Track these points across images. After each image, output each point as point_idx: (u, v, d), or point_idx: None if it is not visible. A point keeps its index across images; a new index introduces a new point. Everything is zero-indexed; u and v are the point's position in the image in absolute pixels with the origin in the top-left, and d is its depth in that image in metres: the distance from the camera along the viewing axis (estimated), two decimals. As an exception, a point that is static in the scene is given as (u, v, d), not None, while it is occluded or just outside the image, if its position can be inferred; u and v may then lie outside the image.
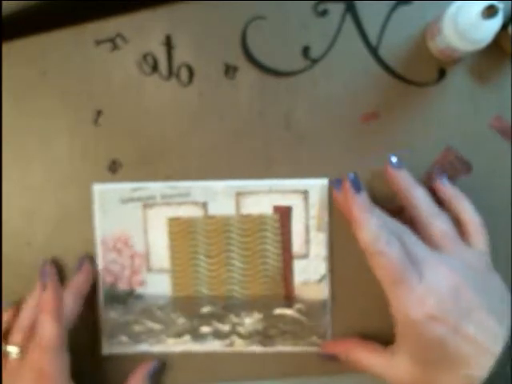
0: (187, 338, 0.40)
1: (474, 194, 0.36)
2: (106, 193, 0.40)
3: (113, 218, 0.40)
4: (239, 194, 0.39)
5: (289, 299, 0.39)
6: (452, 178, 0.38)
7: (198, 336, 0.40)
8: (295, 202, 0.39)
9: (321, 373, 0.40)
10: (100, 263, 0.40)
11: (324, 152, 0.39)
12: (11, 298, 0.40)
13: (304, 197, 0.39)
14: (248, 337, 0.40)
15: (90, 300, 0.40)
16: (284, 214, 0.39)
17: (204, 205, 0.39)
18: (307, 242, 0.39)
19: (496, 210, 0.38)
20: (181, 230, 0.40)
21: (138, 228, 0.40)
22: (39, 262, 0.39)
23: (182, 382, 0.41)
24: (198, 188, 0.39)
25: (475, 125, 0.38)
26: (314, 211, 0.39)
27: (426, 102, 0.38)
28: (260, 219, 0.39)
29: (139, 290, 0.40)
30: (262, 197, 0.39)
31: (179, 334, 0.40)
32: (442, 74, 0.38)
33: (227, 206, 0.39)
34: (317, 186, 0.39)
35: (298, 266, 0.39)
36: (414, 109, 0.38)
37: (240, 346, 0.40)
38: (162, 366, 0.40)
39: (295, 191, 0.39)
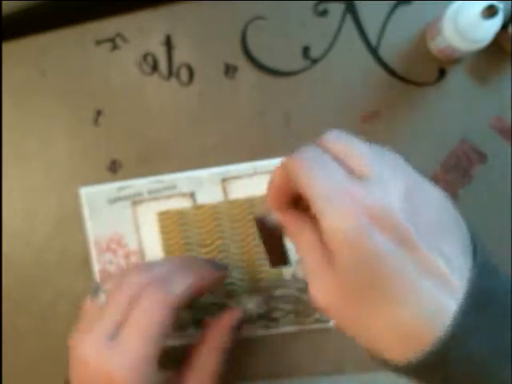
0: (191, 331, 0.40)
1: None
2: (93, 195, 0.40)
3: (103, 220, 0.40)
4: (225, 180, 0.39)
5: (287, 279, 0.39)
6: (465, 171, 0.38)
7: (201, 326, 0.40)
8: None
9: (330, 350, 0.40)
10: (96, 265, 0.40)
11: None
12: (11, 298, 0.40)
13: None
14: (252, 322, 0.40)
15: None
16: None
17: (192, 195, 0.39)
18: None
19: (496, 213, 0.38)
20: (172, 223, 0.40)
21: (130, 226, 0.40)
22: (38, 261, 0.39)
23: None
24: (184, 179, 0.40)
25: (475, 125, 0.38)
26: None
27: (426, 102, 0.38)
28: (248, 202, 0.39)
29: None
30: (247, 180, 0.39)
31: (183, 327, 0.40)
32: (442, 73, 0.38)
33: (214, 193, 0.39)
34: None
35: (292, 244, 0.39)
36: (414, 109, 0.38)
37: (245, 331, 0.40)
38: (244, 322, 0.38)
39: None
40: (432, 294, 0.22)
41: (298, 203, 0.27)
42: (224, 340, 0.34)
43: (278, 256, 0.33)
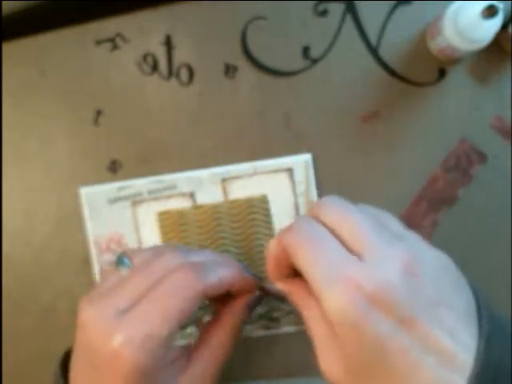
0: (192, 329, 0.40)
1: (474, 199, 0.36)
2: (93, 195, 0.40)
3: (103, 220, 0.40)
4: (225, 181, 0.39)
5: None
6: (466, 172, 0.38)
7: (202, 326, 0.40)
8: (281, 181, 0.39)
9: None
10: (96, 265, 0.40)
11: (324, 152, 0.39)
12: (11, 298, 0.40)
13: (289, 175, 0.39)
14: (253, 322, 0.40)
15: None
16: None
17: (191, 195, 0.39)
18: None
19: (497, 213, 0.38)
20: (171, 223, 0.40)
21: (129, 226, 0.40)
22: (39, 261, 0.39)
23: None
24: (184, 179, 0.40)
25: (475, 125, 0.38)
26: (300, 188, 0.39)
27: (425, 102, 0.38)
28: (248, 203, 0.39)
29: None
30: (247, 180, 0.39)
31: (183, 327, 0.40)
32: (442, 73, 0.38)
33: (214, 193, 0.39)
34: (300, 162, 0.39)
35: None
36: (414, 109, 0.38)
37: (245, 331, 0.40)
38: (261, 299, 0.35)
39: (279, 170, 0.39)
40: (437, 371, 0.22)
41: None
42: (240, 317, 0.31)
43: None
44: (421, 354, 0.22)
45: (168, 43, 0.39)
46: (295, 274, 0.28)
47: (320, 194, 0.39)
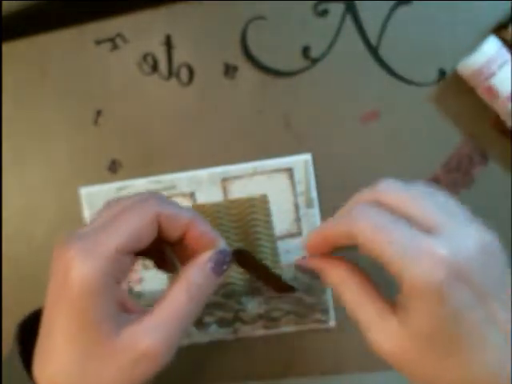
0: (192, 329, 0.40)
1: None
2: (93, 195, 0.40)
3: None
4: (225, 180, 0.39)
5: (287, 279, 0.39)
6: (467, 173, 0.38)
7: (202, 326, 0.40)
8: (281, 181, 0.39)
9: (327, 349, 0.40)
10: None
11: (324, 152, 0.39)
12: (11, 298, 0.40)
13: (289, 175, 0.39)
14: (252, 322, 0.40)
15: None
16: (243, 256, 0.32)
17: (191, 195, 0.40)
18: (298, 219, 0.39)
19: (497, 214, 0.38)
20: None
21: None
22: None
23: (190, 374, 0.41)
24: (183, 179, 0.40)
25: (476, 125, 0.38)
26: (300, 188, 0.39)
27: (426, 102, 0.38)
28: (248, 202, 0.39)
29: (137, 288, 0.40)
30: (247, 180, 0.39)
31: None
32: (442, 74, 0.38)
33: (214, 193, 0.39)
34: (300, 162, 0.39)
35: (291, 244, 0.39)
36: (414, 109, 0.38)
37: (245, 331, 0.40)
38: (228, 256, 0.29)
39: (279, 170, 0.39)
40: (501, 349, 0.23)
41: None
42: (198, 277, 0.28)
43: (279, 284, 0.32)
44: (490, 330, 0.23)
45: (168, 43, 0.39)
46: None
47: (320, 194, 0.39)
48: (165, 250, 0.31)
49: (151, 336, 0.25)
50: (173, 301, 0.26)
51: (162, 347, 0.25)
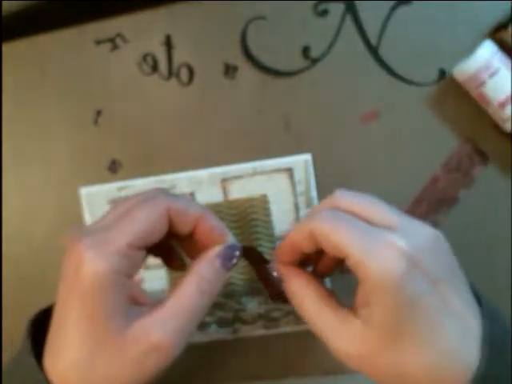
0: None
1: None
2: (93, 195, 0.40)
3: None
4: (225, 181, 0.39)
5: None
6: (468, 172, 0.38)
7: (202, 326, 0.40)
8: (281, 181, 0.39)
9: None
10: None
11: (324, 152, 0.39)
12: (11, 298, 0.40)
13: (289, 175, 0.39)
14: (252, 322, 0.40)
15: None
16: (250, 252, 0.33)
17: (191, 195, 0.40)
18: (298, 219, 0.39)
19: (497, 214, 0.38)
20: None
21: None
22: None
23: (192, 374, 0.41)
24: (184, 179, 0.40)
25: (476, 125, 0.38)
26: (300, 188, 0.39)
27: (426, 102, 0.38)
28: (248, 202, 0.39)
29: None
30: (247, 180, 0.39)
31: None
32: (442, 74, 0.38)
33: (214, 193, 0.39)
34: (300, 162, 0.39)
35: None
36: (414, 109, 0.38)
37: (245, 331, 0.40)
38: (237, 250, 0.30)
39: (279, 170, 0.39)
40: (455, 332, 0.24)
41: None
42: (208, 271, 0.28)
43: (275, 291, 0.32)
44: (444, 315, 0.24)
45: (168, 43, 0.39)
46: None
47: (320, 194, 0.39)
48: (173, 248, 0.32)
49: (162, 328, 0.25)
50: (184, 294, 0.27)
51: (173, 340, 0.25)
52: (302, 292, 0.28)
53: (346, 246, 0.25)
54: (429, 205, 0.39)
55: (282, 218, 0.39)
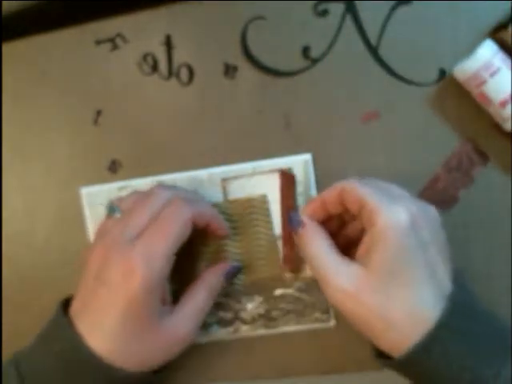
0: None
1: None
2: (93, 195, 0.40)
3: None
4: (225, 180, 0.39)
5: (287, 279, 0.39)
6: (468, 172, 0.38)
7: (202, 326, 0.40)
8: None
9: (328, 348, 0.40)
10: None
11: (324, 152, 0.39)
12: (11, 299, 0.40)
13: None
14: (252, 321, 0.40)
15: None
16: (289, 180, 0.39)
17: None
18: None
19: (497, 214, 0.38)
20: None
21: None
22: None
23: (192, 375, 0.41)
24: (184, 179, 0.40)
25: (477, 125, 0.38)
26: (300, 188, 0.39)
27: (425, 102, 0.38)
28: (248, 202, 0.39)
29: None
30: (247, 180, 0.39)
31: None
32: (442, 74, 0.38)
33: (214, 193, 0.39)
34: (300, 162, 0.39)
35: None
36: (414, 109, 0.38)
37: (245, 331, 0.40)
38: (239, 271, 0.39)
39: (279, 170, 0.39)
40: (434, 290, 0.30)
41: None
42: (216, 282, 0.37)
43: (292, 255, 0.38)
44: (428, 272, 0.30)
45: (168, 43, 0.39)
46: None
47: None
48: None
49: (187, 325, 0.34)
50: (198, 298, 0.35)
51: (193, 333, 0.34)
52: (315, 234, 0.33)
53: (366, 197, 0.31)
54: (429, 205, 0.39)
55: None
